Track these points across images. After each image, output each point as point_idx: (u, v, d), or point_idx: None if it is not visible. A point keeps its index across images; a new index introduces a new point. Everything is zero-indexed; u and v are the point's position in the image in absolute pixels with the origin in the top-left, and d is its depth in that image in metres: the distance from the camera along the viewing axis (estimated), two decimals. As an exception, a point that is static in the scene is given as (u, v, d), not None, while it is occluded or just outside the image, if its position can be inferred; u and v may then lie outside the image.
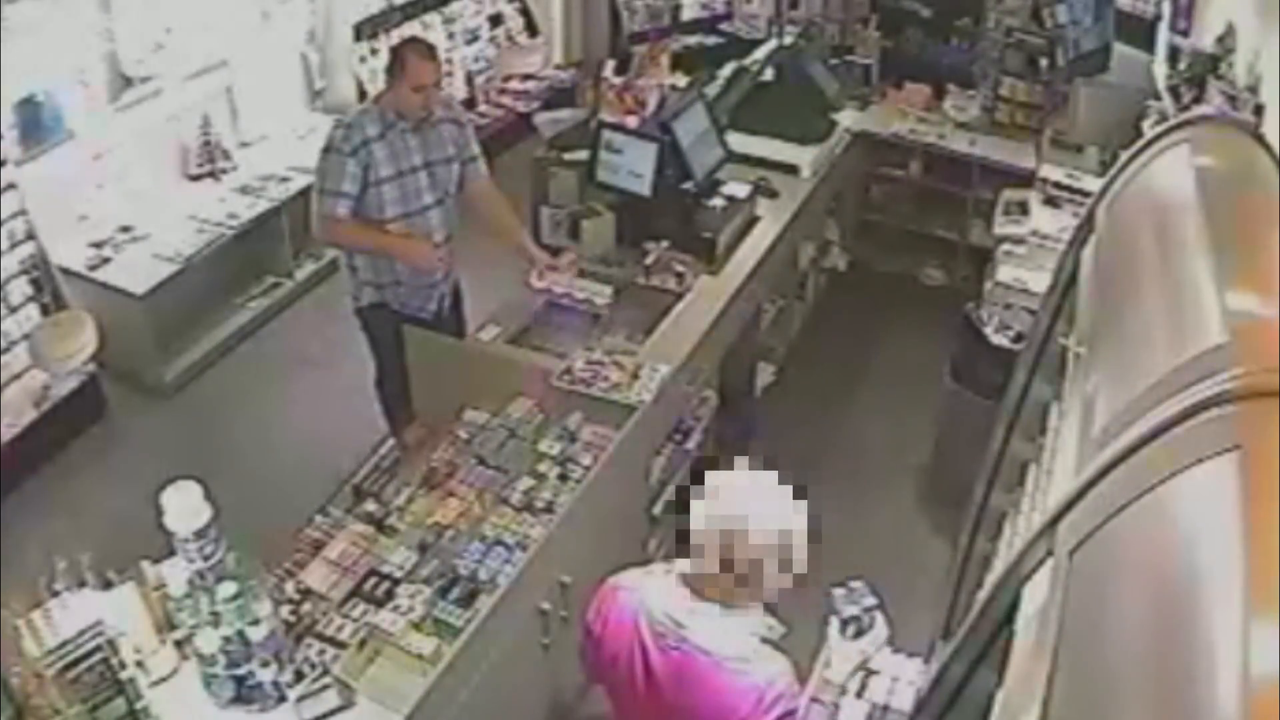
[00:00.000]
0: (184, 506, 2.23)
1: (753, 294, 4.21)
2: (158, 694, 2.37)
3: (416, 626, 2.61)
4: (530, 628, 2.95)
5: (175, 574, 2.33)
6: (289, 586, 2.72)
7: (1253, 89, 3.14)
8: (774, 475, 1.95)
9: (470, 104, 7.09)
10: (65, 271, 4.51)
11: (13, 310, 4.22)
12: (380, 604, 2.68)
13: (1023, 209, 4.78)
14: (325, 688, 2.39)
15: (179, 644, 2.46)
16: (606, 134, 4.09)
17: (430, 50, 3.61)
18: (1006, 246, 4.53)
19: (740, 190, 4.32)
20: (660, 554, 3.95)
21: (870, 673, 2.17)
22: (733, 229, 4.15)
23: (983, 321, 4.07)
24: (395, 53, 3.58)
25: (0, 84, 4.18)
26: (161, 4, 4.99)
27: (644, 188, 3.99)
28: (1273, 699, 0.74)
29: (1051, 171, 4.92)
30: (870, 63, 5.93)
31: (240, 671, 2.35)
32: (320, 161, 3.54)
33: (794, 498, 1.93)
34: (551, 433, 3.33)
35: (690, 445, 3.90)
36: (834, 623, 2.21)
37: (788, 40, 5.50)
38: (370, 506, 3.04)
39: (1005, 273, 4.31)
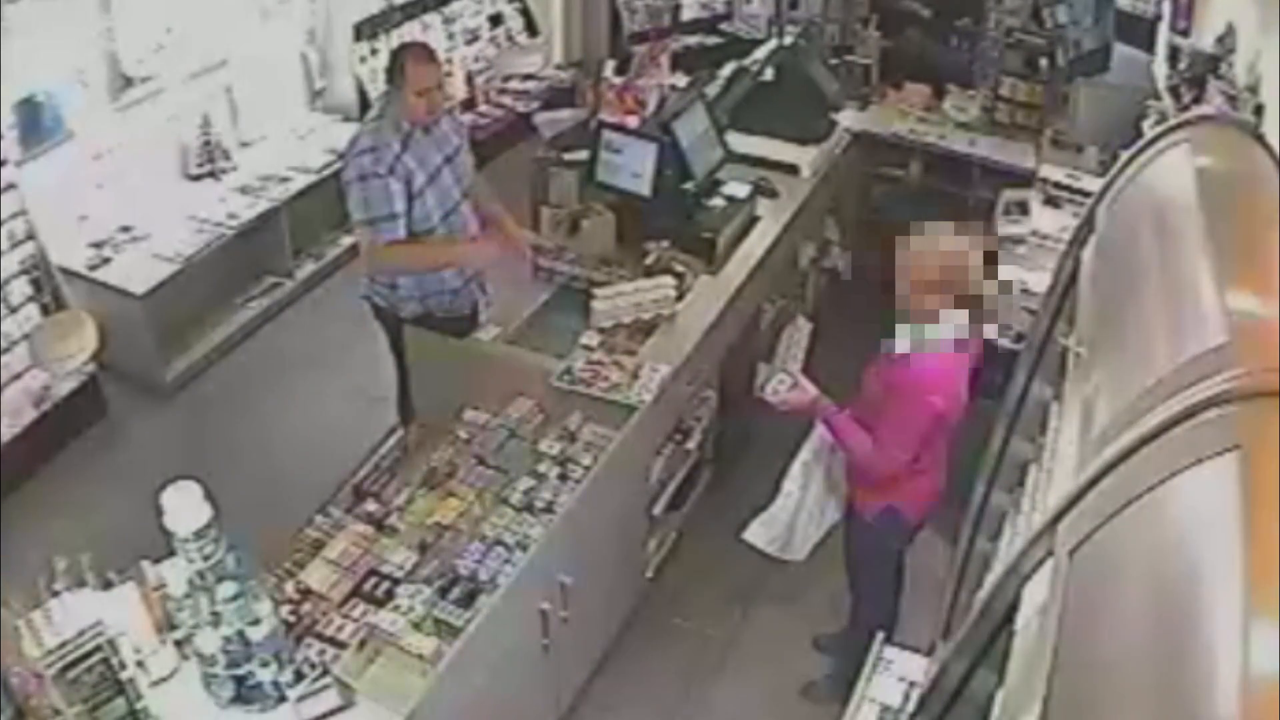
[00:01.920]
0: (184, 506, 2.23)
1: (753, 294, 4.20)
2: (158, 694, 2.38)
3: (416, 626, 2.61)
4: (530, 628, 2.95)
5: (175, 574, 2.33)
6: (289, 586, 2.73)
7: (1253, 89, 3.13)
8: None
9: (470, 104, 7.09)
10: (65, 271, 4.51)
11: (13, 310, 4.22)
12: (380, 604, 2.68)
13: (1023, 209, 4.78)
14: (325, 688, 2.39)
15: (179, 644, 2.46)
16: (606, 134, 4.09)
17: (429, 53, 3.61)
18: (1006, 246, 4.52)
19: (740, 190, 4.32)
20: (660, 554, 3.96)
21: None
22: (733, 229, 4.15)
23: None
24: (394, 60, 3.56)
25: (0, 84, 4.18)
26: (161, 4, 4.99)
27: (644, 188, 3.99)
28: (1272, 699, 0.74)
29: (1051, 171, 4.92)
30: (870, 63, 5.91)
31: (240, 671, 2.35)
32: (357, 193, 3.46)
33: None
34: (551, 433, 3.33)
35: (690, 445, 3.90)
36: None
37: (788, 40, 5.49)
38: (370, 506, 3.04)
39: (1005, 273, 4.31)
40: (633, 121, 4.51)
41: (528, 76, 7.50)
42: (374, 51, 6.22)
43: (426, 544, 2.88)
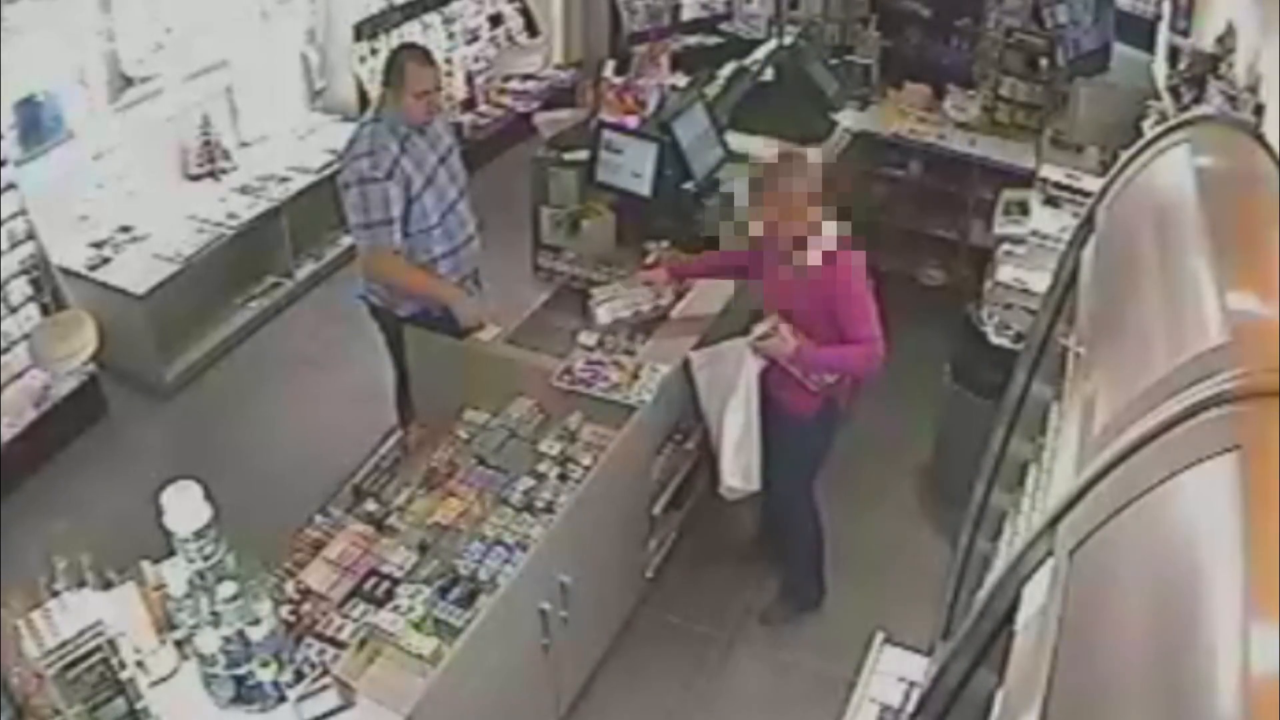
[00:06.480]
0: (184, 506, 2.23)
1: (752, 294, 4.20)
2: (158, 694, 2.38)
3: (416, 626, 2.61)
4: (530, 628, 2.95)
5: (175, 574, 2.33)
6: (289, 586, 2.73)
7: (1253, 89, 3.14)
8: None
9: (470, 104, 7.09)
10: (65, 271, 4.52)
11: (13, 310, 4.22)
12: (380, 604, 2.69)
13: (1023, 209, 4.78)
14: (325, 688, 2.39)
15: (179, 644, 2.46)
16: (606, 134, 4.09)
17: (427, 55, 3.60)
18: (1006, 246, 4.52)
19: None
20: (660, 554, 3.96)
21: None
22: (733, 229, 4.15)
23: (983, 321, 4.07)
24: (392, 62, 3.55)
25: (0, 84, 4.18)
26: (161, 4, 4.99)
27: (644, 188, 3.99)
28: (1273, 699, 0.74)
29: (1051, 171, 4.92)
30: (870, 63, 5.92)
31: (240, 671, 2.35)
32: (355, 197, 3.46)
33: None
34: (551, 433, 3.33)
35: (690, 445, 3.90)
36: None
37: (788, 40, 5.49)
38: (370, 506, 3.05)
39: (1005, 273, 4.31)
40: (633, 121, 4.50)
41: (528, 76, 7.51)
42: (374, 51, 6.22)
43: (426, 544, 2.89)
